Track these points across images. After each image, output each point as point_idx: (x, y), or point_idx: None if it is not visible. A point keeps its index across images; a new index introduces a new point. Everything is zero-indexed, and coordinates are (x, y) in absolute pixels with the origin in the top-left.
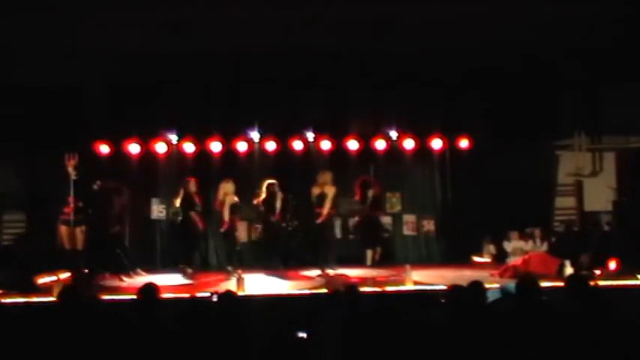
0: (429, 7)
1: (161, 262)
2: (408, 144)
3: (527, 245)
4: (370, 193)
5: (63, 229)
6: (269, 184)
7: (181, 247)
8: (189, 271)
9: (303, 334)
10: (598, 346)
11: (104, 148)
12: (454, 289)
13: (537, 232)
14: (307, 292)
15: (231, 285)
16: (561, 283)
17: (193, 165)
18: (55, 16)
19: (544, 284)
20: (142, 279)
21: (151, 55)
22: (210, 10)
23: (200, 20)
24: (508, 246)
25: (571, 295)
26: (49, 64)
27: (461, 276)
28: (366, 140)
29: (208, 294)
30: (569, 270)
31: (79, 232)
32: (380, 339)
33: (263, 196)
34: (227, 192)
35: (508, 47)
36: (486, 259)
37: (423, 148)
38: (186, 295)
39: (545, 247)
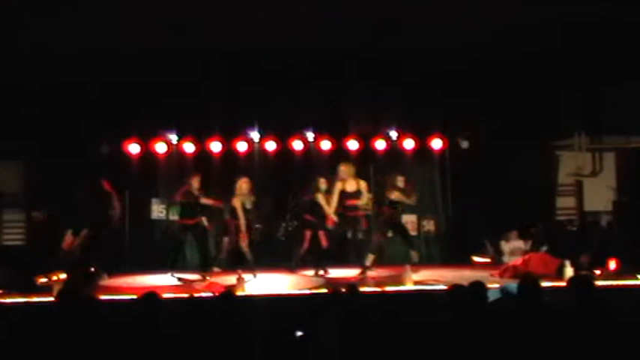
0: (428, 6)
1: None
2: (408, 144)
3: (527, 245)
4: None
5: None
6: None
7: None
8: None
9: (300, 333)
10: (598, 346)
11: (105, 148)
12: (454, 289)
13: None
14: (307, 292)
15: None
16: (562, 283)
17: (193, 165)
18: (54, 16)
19: (544, 284)
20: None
21: (151, 54)
22: (210, 10)
23: (200, 20)
24: (505, 246)
25: (573, 295)
26: (48, 64)
27: (461, 276)
28: (366, 140)
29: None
30: (569, 270)
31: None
32: (379, 339)
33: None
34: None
35: (508, 47)
36: (486, 259)
37: (423, 148)
38: (186, 295)
39: (545, 247)
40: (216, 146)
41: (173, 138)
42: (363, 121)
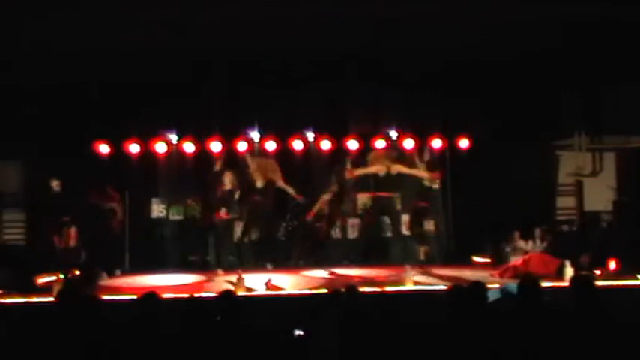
0: (428, 6)
1: (161, 262)
2: (408, 144)
3: (528, 245)
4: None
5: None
6: None
7: None
8: None
9: (299, 332)
10: (598, 346)
11: (104, 148)
12: (454, 289)
13: (537, 232)
14: (307, 292)
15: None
16: (562, 283)
17: (193, 165)
18: (54, 16)
19: (544, 284)
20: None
21: (151, 54)
22: (210, 10)
23: (200, 20)
24: (507, 246)
25: (573, 295)
26: (48, 64)
27: (461, 276)
28: (366, 140)
29: None
30: (569, 270)
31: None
32: (379, 339)
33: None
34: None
35: (508, 47)
36: (486, 259)
37: (422, 148)
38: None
39: (545, 247)
40: (216, 146)
41: (173, 138)
42: (363, 121)
